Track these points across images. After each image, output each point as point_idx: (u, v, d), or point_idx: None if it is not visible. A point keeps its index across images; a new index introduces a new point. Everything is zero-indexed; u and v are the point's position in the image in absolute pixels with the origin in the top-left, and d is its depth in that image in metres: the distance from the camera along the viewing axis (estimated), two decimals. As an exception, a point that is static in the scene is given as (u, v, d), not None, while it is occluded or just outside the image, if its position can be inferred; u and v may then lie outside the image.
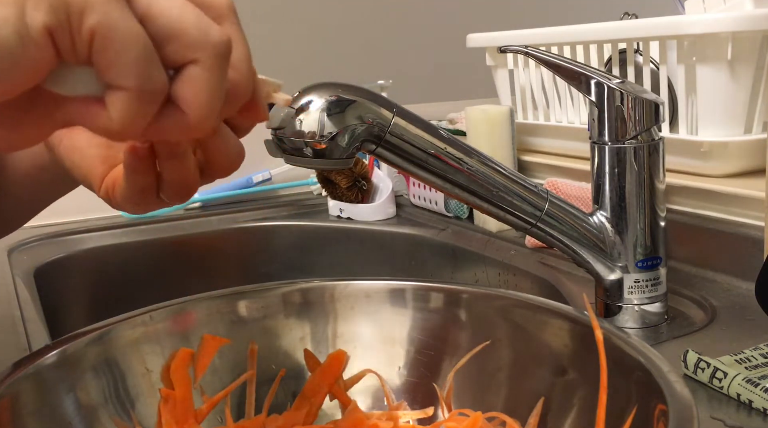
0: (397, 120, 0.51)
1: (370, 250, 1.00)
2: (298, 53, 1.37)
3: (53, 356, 0.43)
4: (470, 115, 0.88)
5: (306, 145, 0.49)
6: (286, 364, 0.49)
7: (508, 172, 0.56)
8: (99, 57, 0.27)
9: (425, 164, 0.53)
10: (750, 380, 0.45)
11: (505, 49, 0.65)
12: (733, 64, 0.70)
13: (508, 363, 0.47)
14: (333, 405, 0.49)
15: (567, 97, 0.88)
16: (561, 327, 0.45)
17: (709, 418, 0.44)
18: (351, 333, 0.51)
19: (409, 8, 1.43)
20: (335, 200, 1.04)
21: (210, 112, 0.29)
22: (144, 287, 0.97)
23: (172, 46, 0.28)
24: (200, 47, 0.28)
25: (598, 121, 0.58)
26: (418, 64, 1.43)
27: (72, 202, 0.61)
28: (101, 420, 0.43)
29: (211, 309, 0.50)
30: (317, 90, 0.50)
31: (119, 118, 0.28)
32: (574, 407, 0.42)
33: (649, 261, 0.58)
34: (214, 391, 0.47)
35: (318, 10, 1.36)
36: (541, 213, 0.57)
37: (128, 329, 0.47)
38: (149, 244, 1.00)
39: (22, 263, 0.88)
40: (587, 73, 0.58)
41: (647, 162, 0.57)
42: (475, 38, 0.99)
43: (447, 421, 0.46)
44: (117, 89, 0.28)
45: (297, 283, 0.52)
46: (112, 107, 0.28)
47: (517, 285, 0.80)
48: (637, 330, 0.58)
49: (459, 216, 0.94)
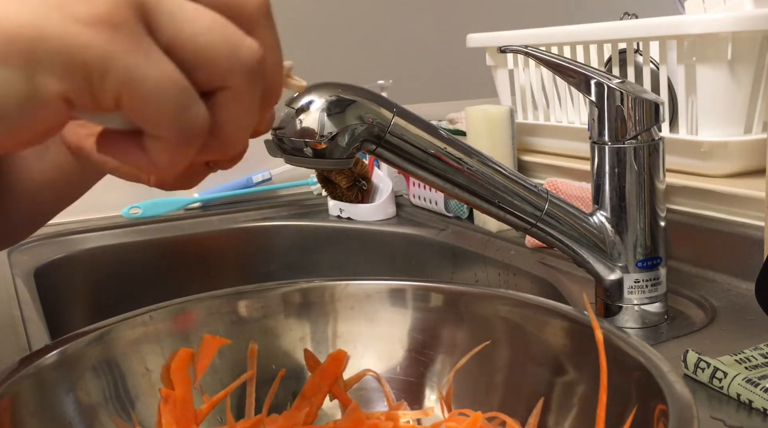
0: (397, 120, 0.51)
1: (370, 250, 1.00)
2: (298, 53, 1.37)
3: (53, 356, 0.43)
4: (470, 115, 0.88)
5: (306, 145, 0.49)
6: (286, 364, 0.49)
7: (508, 172, 0.56)
8: (131, 113, 0.25)
9: (425, 164, 0.53)
10: (750, 380, 0.45)
11: (505, 49, 0.65)
12: (733, 64, 0.70)
13: (508, 363, 0.47)
14: (333, 405, 0.49)
15: (567, 97, 0.88)
16: (561, 327, 0.45)
17: (709, 418, 0.44)
18: (351, 333, 0.51)
19: (409, 8, 1.43)
20: (335, 200, 1.04)
21: (244, 134, 0.28)
22: (144, 287, 0.97)
23: (202, 73, 0.26)
24: (231, 73, 0.26)
25: (598, 121, 0.58)
26: (418, 64, 1.42)
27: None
28: (101, 420, 0.43)
29: (211, 309, 0.50)
30: (317, 90, 0.50)
31: (164, 164, 0.26)
32: (574, 407, 0.42)
33: (649, 261, 0.58)
34: (214, 391, 0.47)
35: (318, 10, 1.36)
36: (541, 213, 0.57)
37: (128, 329, 0.47)
38: (149, 244, 1.00)
39: (22, 263, 0.88)
40: (587, 73, 0.58)
41: (647, 162, 0.57)
42: (475, 38, 0.99)
43: (447, 421, 0.46)
44: (156, 139, 0.26)
45: (297, 283, 0.52)
46: (154, 154, 0.26)
47: (517, 285, 0.80)
48: (637, 330, 0.58)
49: (459, 216, 0.94)
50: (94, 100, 0.24)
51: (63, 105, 0.24)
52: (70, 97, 0.24)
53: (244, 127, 0.28)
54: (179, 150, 0.26)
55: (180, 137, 0.26)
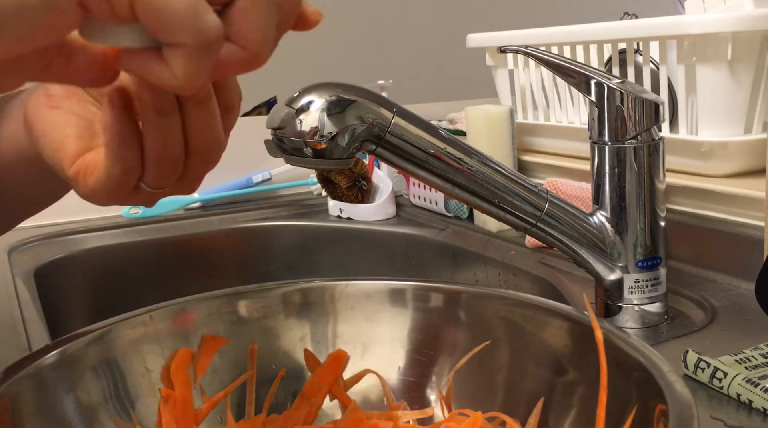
0: (397, 120, 0.51)
1: (370, 250, 1.00)
2: (298, 53, 1.37)
3: (53, 356, 0.43)
4: (470, 115, 0.88)
5: (306, 145, 0.49)
6: (286, 364, 0.49)
7: (508, 172, 0.56)
8: (146, 18, 0.26)
9: (425, 164, 0.53)
10: (750, 380, 0.45)
11: (505, 49, 0.65)
12: (733, 64, 0.70)
13: (508, 363, 0.47)
14: (333, 405, 0.49)
15: (567, 97, 0.88)
16: (561, 327, 0.45)
17: (709, 418, 0.44)
18: (351, 333, 0.51)
19: (409, 8, 1.43)
20: (335, 200, 1.04)
21: (267, 42, 0.28)
22: (144, 287, 0.97)
23: None
24: None
25: (598, 121, 0.58)
26: (418, 64, 1.43)
27: (72, 202, 0.60)
28: (101, 420, 0.43)
29: (211, 309, 0.50)
30: (317, 90, 0.50)
31: (184, 74, 0.27)
32: (574, 407, 0.42)
33: (649, 261, 0.58)
34: (214, 391, 0.47)
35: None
36: (541, 213, 0.57)
37: (128, 329, 0.47)
38: (149, 244, 1.00)
39: (22, 263, 0.88)
40: (587, 73, 0.58)
41: (647, 162, 0.57)
42: (475, 38, 0.99)
43: (447, 421, 0.46)
44: (174, 47, 0.26)
45: (297, 283, 0.52)
46: (174, 65, 0.27)
47: (517, 285, 0.80)
48: (637, 330, 0.58)
49: (459, 216, 0.94)
50: (110, 6, 0.25)
51: (79, 10, 0.25)
52: (86, 3, 0.25)
53: (265, 37, 0.28)
54: (198, 57, 0.27)
55: (197, 43, 0.26)
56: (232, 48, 0.28)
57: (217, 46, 0.27)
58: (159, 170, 0.34)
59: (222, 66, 0.28)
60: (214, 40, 0.27)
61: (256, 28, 0.28)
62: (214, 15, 0.27)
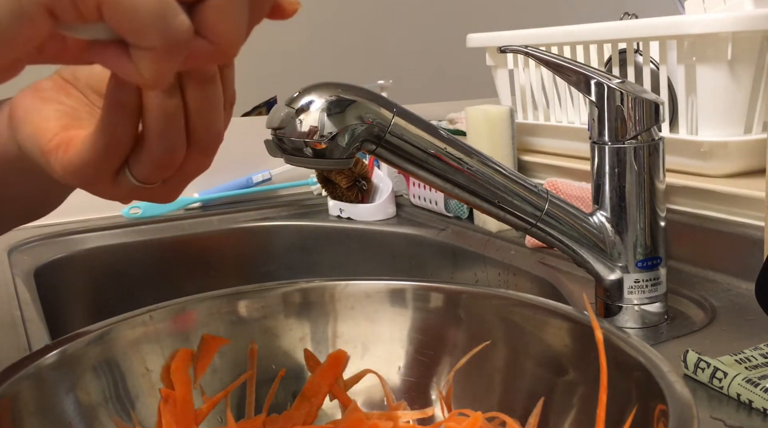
0: (397, 120, 0.51)
1: (370, 250, 1.00)
2: (298, 53, 1.37)
3: (53, 356, 0.43)
4: (470, 115, 0.88)
5: (306, 145, 0.49)
6: (286, 364, 0.49)
7: (508, 172, 0.56)
8: (113, 23, 0.25)
9: (425, 164, 0.53)
10: (750, 380, 0.45)
11: (505, 49, 0.65)
12: (733, 64, 0.70)
13: (508, 363, 0.47)
14: (333, 405, 0.49)
15: (567, 97, 0.89)
16: (561, 327, 0.45)
17: (709, 418, 0.44)
18: (351, 333, 0.51)
19: (409, 8, 1.43)
20: (335, 200, 1.04)
21: (238, 36, 0.28)
22: (144, 287, 0.97)
23: None
24: None
25: (598, 121, 0.58)
26: (418, 64, 1.43)
27: (72, 202, 0.60)
28: (101, 420, 0.43)
29: (211, 309, 0.50)
30: (317, 90, 0.50)
31: (150, 74, 0.27)
32: (574, 407, 0.42)
33: (649, 261, 0.58)
34: (214, 391, 0.47)
35: (318, 10, 1.36)
36: (541, 213, 0.57)
37: (128, 329, 0.47)
38: (149, 244, 1.00)
39: (22, 263, 0.88)
40: (587, 73, 0.58)
41: (647, 162, 0.57)
42: (475, 38, 0.99)
43: (447, 421, 0.46)
44: (141, 49, 0.26)
45: (297, 283, 0.52)
46: (140, 65, 0.27)
47: (517, 285, 0.80)
48: (637, 330, 0.58)
49: (459, 216, 0.94)
50: (77, 12, 0.25)
51: (48, 18, 0.25)
52: (54, 10, 0.25)
53: (236, 30, 0.28)
54: (164, 60, 0.26)
55: (165, 45, 0.26)
56: (201, 42, 0.27)
57: (185, 45, 0.27)
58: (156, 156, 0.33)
59: (191, 59, 0.28)
60: (182, 42, 0.26)
61: (227, 24, 0.27)
62: (183, 16, 0.26)
